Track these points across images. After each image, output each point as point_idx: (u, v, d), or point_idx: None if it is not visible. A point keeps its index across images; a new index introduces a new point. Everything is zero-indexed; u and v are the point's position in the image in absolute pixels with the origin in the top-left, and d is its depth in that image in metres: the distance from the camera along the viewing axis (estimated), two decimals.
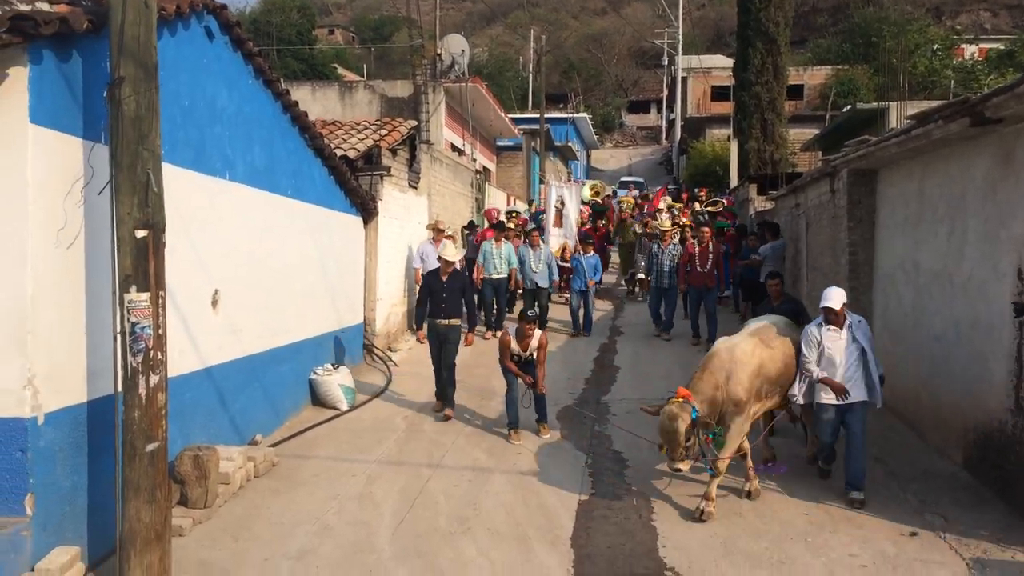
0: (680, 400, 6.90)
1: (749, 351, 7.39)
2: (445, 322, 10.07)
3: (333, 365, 10.53)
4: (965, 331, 7.90)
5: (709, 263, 13.76)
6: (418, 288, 10.81)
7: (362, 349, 12.64)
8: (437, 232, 13.90)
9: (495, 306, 14.65)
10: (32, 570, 5.19)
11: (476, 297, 14.04)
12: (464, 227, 17.75)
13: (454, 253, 10.48)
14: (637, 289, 18.66)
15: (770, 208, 18.90)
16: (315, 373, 10.27)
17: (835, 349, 7.33)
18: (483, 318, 14.73)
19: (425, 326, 10.31)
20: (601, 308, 17.14)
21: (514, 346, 9.14)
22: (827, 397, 7.41)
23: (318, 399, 10.26)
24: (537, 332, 9.18)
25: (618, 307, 17.93)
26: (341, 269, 11.65)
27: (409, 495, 7.57)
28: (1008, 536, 6.48)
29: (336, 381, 10.22)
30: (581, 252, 15.24)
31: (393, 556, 6.36)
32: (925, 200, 8.99)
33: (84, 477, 5.72)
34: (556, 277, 14.98)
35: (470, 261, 14.94)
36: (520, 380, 9.19)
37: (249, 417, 8.58)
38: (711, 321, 13.72)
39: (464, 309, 10.67)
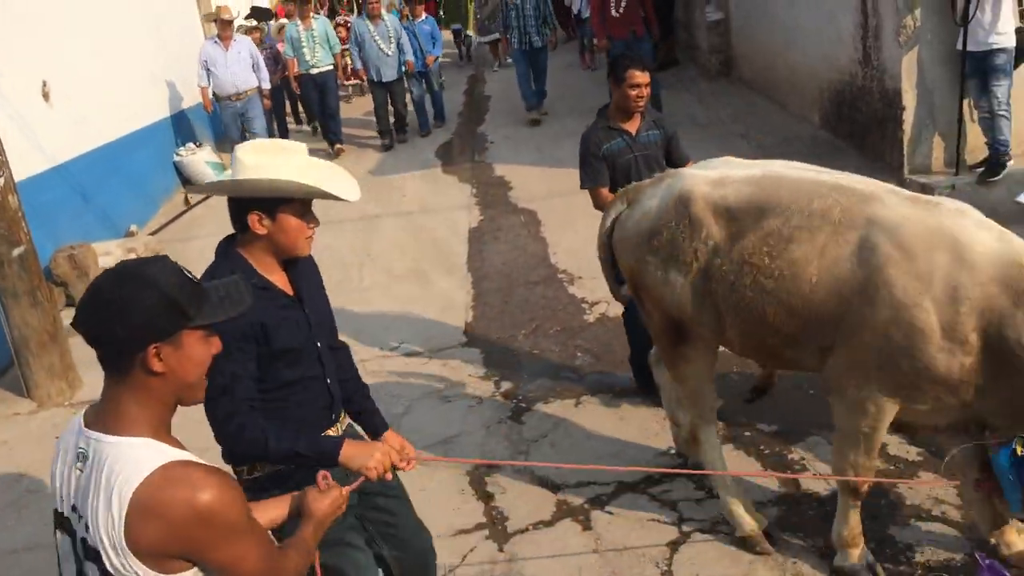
0: None
1: None
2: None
3: (196, 143, 10.06)
4: None
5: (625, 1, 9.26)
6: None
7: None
8: (223, 25, 9.69)
9: (324, 112, 10.78)
10: None
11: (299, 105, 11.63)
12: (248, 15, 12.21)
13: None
14: (469, 51, 16.04)
15: None
16: (178, 154, 9.79)
17: None
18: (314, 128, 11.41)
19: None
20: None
21: None
22: None
23: (187, 181, 9.86)
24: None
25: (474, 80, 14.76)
26: (178, 38, 10.79)
27: None
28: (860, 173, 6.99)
29: (202, 159, 9.78)
30: (411, 17, 11.24)
31: None
32: None
33: None
34: (411, 56, 10.48)
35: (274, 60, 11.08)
36: None
37: (119, 210, 8.27)
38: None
39: None
